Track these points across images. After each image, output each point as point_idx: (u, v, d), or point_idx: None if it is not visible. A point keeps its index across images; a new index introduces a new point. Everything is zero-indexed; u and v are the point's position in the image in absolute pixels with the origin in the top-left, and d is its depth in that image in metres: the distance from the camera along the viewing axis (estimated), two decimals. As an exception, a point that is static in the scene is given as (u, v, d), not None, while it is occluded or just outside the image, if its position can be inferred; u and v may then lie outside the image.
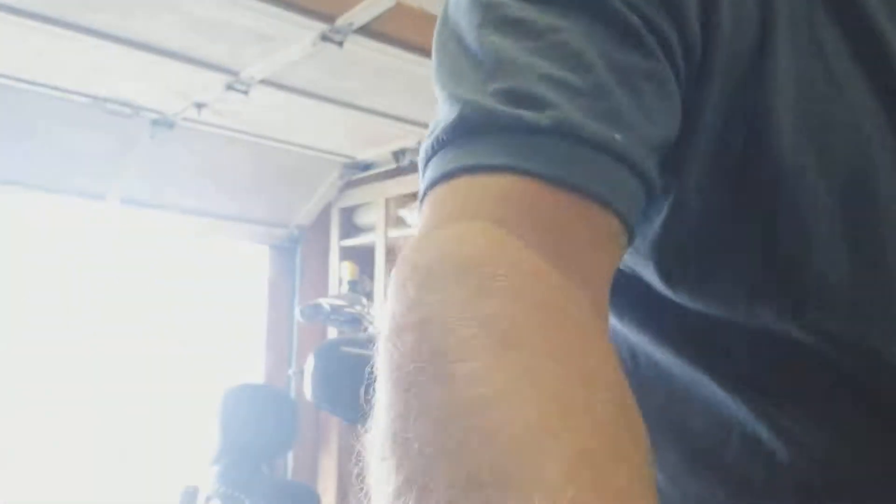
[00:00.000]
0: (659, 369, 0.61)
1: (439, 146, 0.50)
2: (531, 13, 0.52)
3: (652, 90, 0.50)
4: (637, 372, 0.62)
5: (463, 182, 0.47)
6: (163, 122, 3.99)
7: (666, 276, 0.57)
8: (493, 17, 0.54)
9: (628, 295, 0.61)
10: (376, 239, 4.58)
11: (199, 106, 3.81)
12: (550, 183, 0.45)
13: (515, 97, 0.48)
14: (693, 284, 0.56)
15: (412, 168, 4.47)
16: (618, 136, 0.47)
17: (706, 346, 0.58)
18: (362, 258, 4.69)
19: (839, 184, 0.52)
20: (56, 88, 3.63)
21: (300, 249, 4.90)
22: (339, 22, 3.02)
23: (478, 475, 0.30)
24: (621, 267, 0.60)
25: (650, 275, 0.58)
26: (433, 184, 0.49)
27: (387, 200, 4.57)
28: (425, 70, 3.40)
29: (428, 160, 0.51)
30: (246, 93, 3.59)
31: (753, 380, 0.56)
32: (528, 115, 0.47)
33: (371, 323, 2.99)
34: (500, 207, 0.45)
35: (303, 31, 3.07)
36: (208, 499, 3.66)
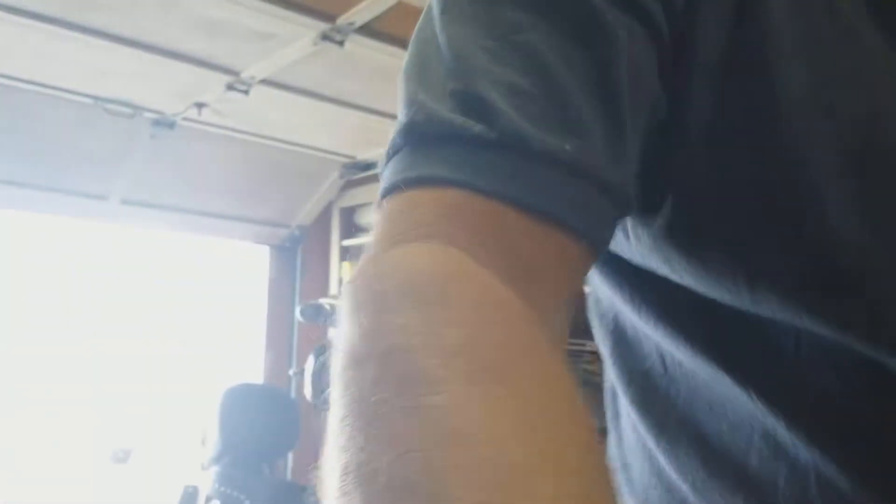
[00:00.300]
0: (683, 369, 0.60)
1: (394, 150, 0.50)
2: (495, 5, 0.50)
3: (625, 82, 0.48)
4: (665, 374, 0.61)
5: (414, 196, 0.46)
6: (164, 123, 3.99)
7: (669, 263, 0.55)
8: (457, 5, 0.52)
9: (649, 292, 0.59)
10: (377, 239, 4.58)
11: (200, 106, 3.80)
12: (500, 201, 0.44)
13: (468, 103, 0.46)
14: (696, 268, 0.54)
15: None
16: (569, 147, 0.45)
17: (722, 342, 0.56)
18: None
19: (849, 143, 0.49)
20: (57, 88, 3.63)
21: (301, 249, 4.90)
22: (340, 21, 3.01)
23: None
24: (639, 263, 0.59)
25: (661, 266, 0.56)
26: (385, 193, 0.48)
27: (387, 200, 4.57)
28: (426, 70, 3.40)
29: (387, 162, 0.50)
30: (246, 93, 3.59)
31: (770, 377, 0.54)
32: (477, 127, 0.45)
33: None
34: (452, 226, 0.43)
35: (303, 31, 3.07)
36: (208, 499, 3.66)
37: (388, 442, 0.32)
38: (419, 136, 0.48)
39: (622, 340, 0.65)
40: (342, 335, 0.38)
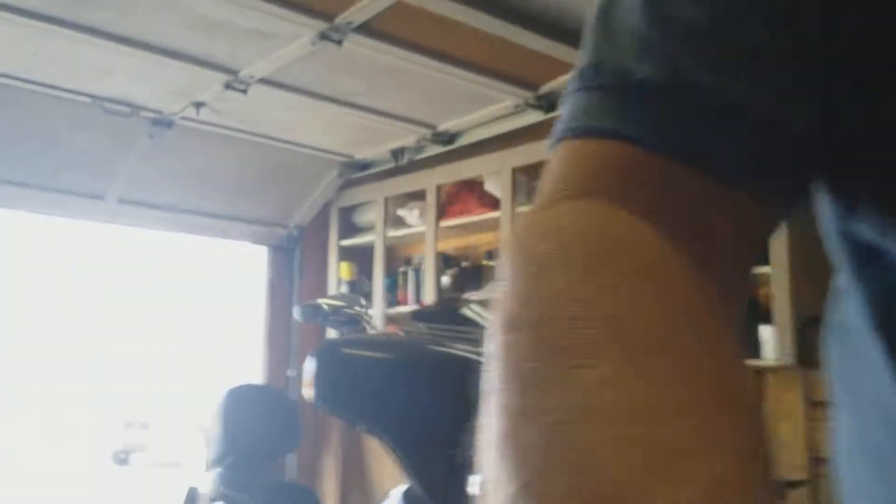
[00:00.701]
0: None
1: (570, 92, 0.46)
2: None
3: (817, 23, 0.41)
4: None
5: (583, 147, 0.43)
6: (162, 122, 3.98)
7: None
8: None
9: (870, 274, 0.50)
10: (375, 239, 4.57)
11: (199, 105, 3.79)
12: (672, 157, 0.41)
13: (646, 49, 0.43)
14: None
15: (411, 167, 4.46)
16: (751, 96, 0.41)
17: None
18: (361, 258, 4.68)
19: None
20: (55, 87, 3.62)
21: (299, 249, 4.89)
22: (339, 20, 3.00)
23: (601, 491, 0.28)
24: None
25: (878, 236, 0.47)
26: (556, 140, 0.45)
27: (386, 199, 4.55)
28: (424, 69, 3.39)
29: (565, 104, 0.47)
30: (245, 92, 3.58)
31: None
32: (651, 73, 0.42)
33: (370, 324, 2.98)
34: (621, 183, 0.41)
35: (302, 30, 3.06)
36: (211, 500, 3.65)
37: (540, 413, 0.31)
38: (594, 82, 0.45)
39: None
40: (501, 294, 0.36)
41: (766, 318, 3.17)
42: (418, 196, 4.42)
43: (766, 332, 3.16)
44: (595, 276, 0.35)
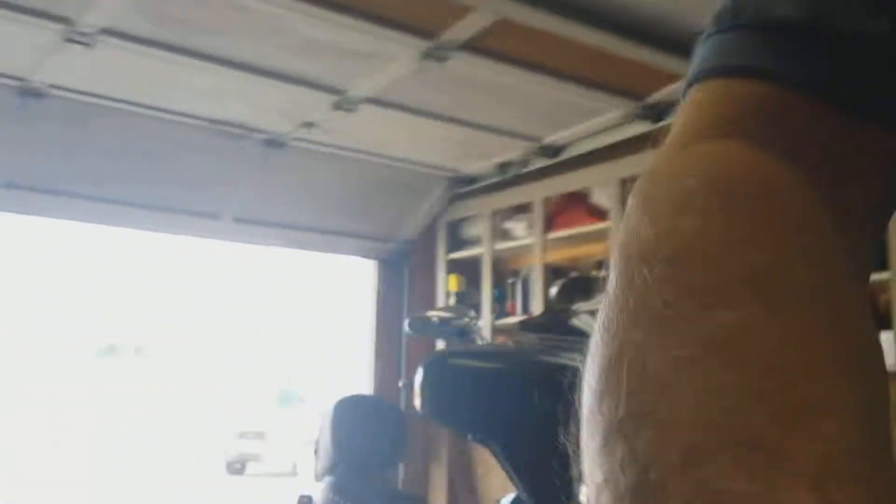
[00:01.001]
0: None
1: (708, 34, 0.45)
2: None
3: None
4: None
5: (723, 86, 0.42)
6: (274, 143, 4.11)
7: None
8: None
9: None
10: (483, 251, 4.60)
11: (309, 125, 3.91)
12: (812, 95, 0.40)
13: None
14: None
15: (517, 180, 4.48)
16: (888, 28, 0.39)
17: None
18: (469, 270, 4.71)
19: None
20: (171, 112, 3.79)
21: (407, 263, 4.96)
22: (442, 39, 3.05)
23: (731, 436, 0.27)
24: None
25: None
26: (693, 80, 0.44)
27: (493, 213, 4.58)
28: (529, 84, 3.40)
29: (702, 44, 0.46)
30: (353, 111, 3.67)
31: None
32: (791, 11, 0.41)
33: (479, 335, 3.00)
34: (762, 123, 0.40)
35: (406, 49, 3.11)
36: (322, 509, 3.73)
37: (668, 347, 0.30)
38: (732, 24, 0.44)
39: None
40: (633, 226, 0.35)
41: (886, 324, 3.04)
42: (525, 209, 4.43)
43: (885, 339, 3.04)
44: (738, 220, 0.34)
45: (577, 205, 4.22)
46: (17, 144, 3.68)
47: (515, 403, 2.34)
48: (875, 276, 3.05)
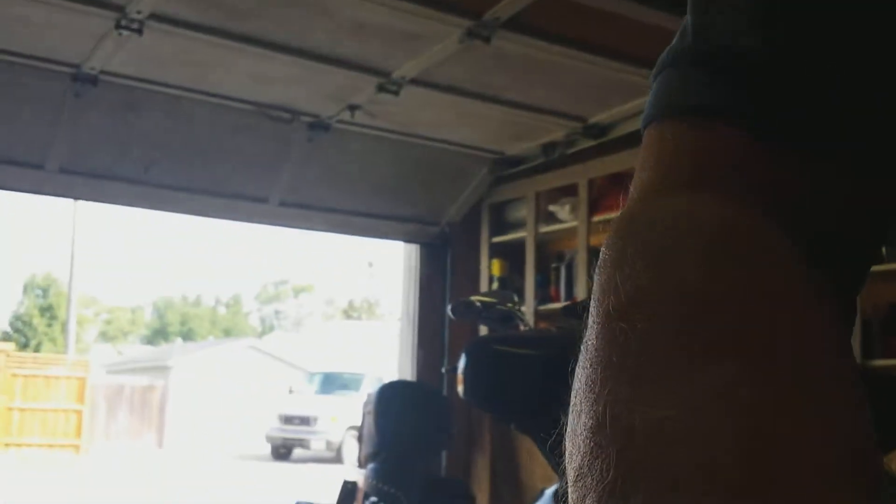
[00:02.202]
0: None
1: (667, 64, 0.44)
2: None
3: None
4: None
5: (686, 129, 0.41)
6: (319, 126, 4.12)
7: None
8: None
9: None
10: (526, 235, 4.56)
11: (353, 108, 3.90)
12: (787, 144, 0.39)
13: (761, 18, 0.41)
14: None
15: (562, 161, 4.42)
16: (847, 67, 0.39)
17: None
18: (512, 254, 4.68)
19: None
20: (219, 96, 3.82)
21: (451, 246, 4.94)
22: (486, 17, 3.01)
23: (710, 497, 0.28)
24: None
25: None
26: (650, 118, 0.43)
27: (537, 195, 4.54)
28: (574, 62, 3.35)
29: (657, 74, 0.45)
30: (397, 93, 3.66)
31: None
32: (768, 48, 0.40)
33: (522, 320, 2.97)
34: (733, 173, 0.39)
35: (450, 29, 3.09)
36: (366, 495, 3.74)
37: (649, 405, 0.30)
38: (697, 54, 0.43)
39: None
40: (610, 281, 0.35)
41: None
42: (570, 191, 4.38)
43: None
44: (715, 274, 0.34)
45: (623, 187, 4.14)
46: (69, 130, 3.73)
47: (557, 390, 2.31)
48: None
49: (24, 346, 27.93)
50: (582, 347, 0.35)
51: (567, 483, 0.32)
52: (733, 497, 0.27)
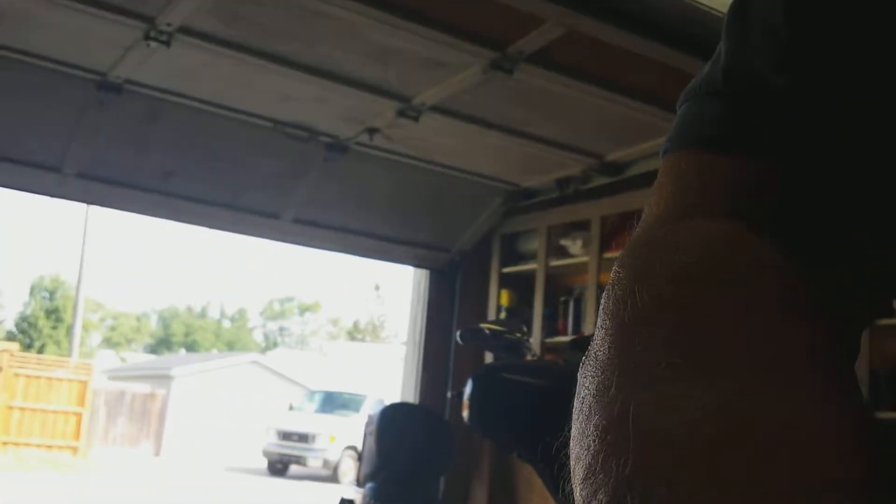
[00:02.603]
0: None
1: (695, 96, 0.47)
2: None
3: None
4: None
5: (708, 160, 0.44)
6: (337, 147, 4.15)
7: None
8: None
9: None
10: (537, 267, 4.57)
11: (372, 131, 3.94)
12: (787, 172, 0.42)
13: (788, 57, 0.43)
14: None
15: (576, 197, 4.44)
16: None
17: None
18: (521, 285, 4.69)
19: None
20: (240, 112, 3.85)
21: (460, 274, 4.96)
22: (510, 50, 3.05)
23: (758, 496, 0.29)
24: None
25: None
26: (674, 147, 0.46)
27: (549, 229, 4.56)
28: (594, 98, 3.38)
29: (680, 104, 0.48)
30: (416, 119, 3.69)
31: None
32: (794, 87, 0.42)
33: (530, 350, 2.98)
34: (751, 205, 0.42)
35: (474, 59, 3.12)
36: (362, 514, 3.73)
37: (680, 409, 0.32)
38: (724, 88, 0.45)
39: None
40: (626, 294, 0.37)
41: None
42: (582, 226, 4.40)
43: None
44: (724, 293, 0.36)
45: (635, 225, 4.16)
46: (91, 136, 3.78)
47: (562, 421, 2.32)
48: None
49: (28, 347, 27.99)
50: (589, 357, 0.37)
51: (574, 483, 0.34)
52: (742, 497, 0.29)
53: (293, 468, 17.00)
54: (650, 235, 0.42)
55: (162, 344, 39.93)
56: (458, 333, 3.02)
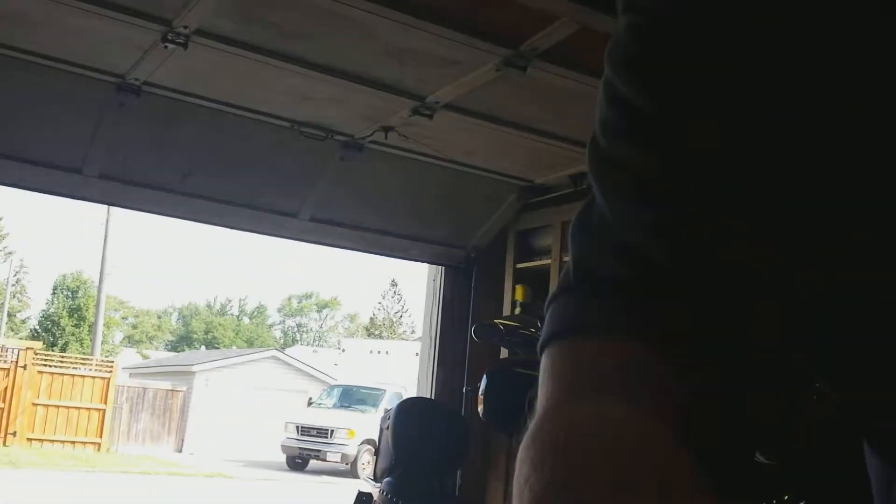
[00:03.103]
0: None
1: (556, 295, 0.53)
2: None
3: None
4: None
5: (582, 346, 0.50)
6: (353, 145, 4.19)
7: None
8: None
9: None
10: (551, 263, 4.60)
11: (387, 129, 3.97)
12: (660, 350, 0.47)
13: (622, 253, 0.51)
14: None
15: (590, 193, 4.46)
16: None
17: None
18: (536, 281, 4.71)
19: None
20: (257, 112, 3.90)
21: (475, 270, 4.98)
22: (524, 47, 3.07)
23: None
24: None
25: None
26: (552, 336, 0.51)
27: (563, 224, 4.57)
28: (607, 95, 3.39)
29: (550, 303, 0.54)
30: (431, 117, 3.72)
31: None
32: (631, 275, 0.49)
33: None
34: (626, 382, 0.47)
35: (488, 56, 3.15)
36: (380, 509, 3.77)
37: None
38: (578, 285, 0.52)
39: None
40: (526, 478, 0.42)
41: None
42: (596, 221, 4.41)
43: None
44: (615, 471, 0.41)
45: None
46: (111, 138, 3.83)
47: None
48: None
49: (51, 346, 28.24)
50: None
51: None
52: None
53: (312, 463, 17.10)
54: (544, 419, 0.47)
55: (183, 341, 40.19)
56: (473, 329, 3.05)
